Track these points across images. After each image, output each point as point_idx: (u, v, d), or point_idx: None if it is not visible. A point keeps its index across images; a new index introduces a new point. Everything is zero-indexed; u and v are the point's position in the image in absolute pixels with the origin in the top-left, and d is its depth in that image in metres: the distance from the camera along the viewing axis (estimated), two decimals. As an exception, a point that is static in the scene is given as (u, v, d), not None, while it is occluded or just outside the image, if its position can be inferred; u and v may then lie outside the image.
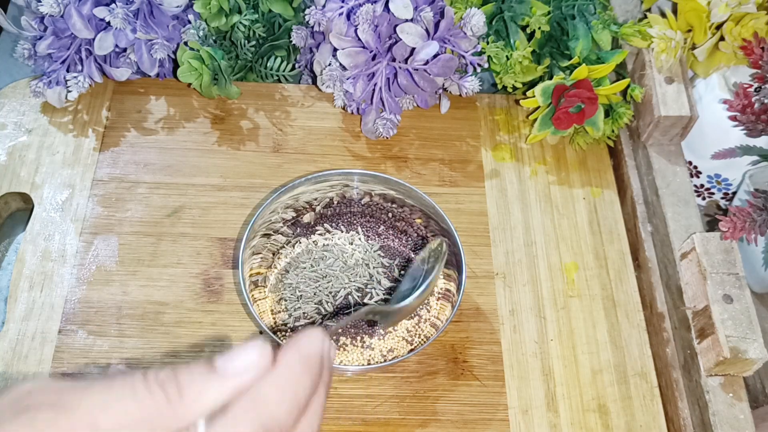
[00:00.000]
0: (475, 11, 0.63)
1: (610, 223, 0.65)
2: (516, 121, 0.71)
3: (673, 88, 0.64)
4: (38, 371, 0.54)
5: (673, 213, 0.61)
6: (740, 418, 0.53)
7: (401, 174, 0.66)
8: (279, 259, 0.59)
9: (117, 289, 0.58)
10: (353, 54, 0.64)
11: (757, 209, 0.54)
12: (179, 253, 0.60)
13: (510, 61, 0.66)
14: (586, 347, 0.58)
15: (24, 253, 0.59)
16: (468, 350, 0.58)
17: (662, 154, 0.65)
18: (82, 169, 0.64)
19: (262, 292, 0.57)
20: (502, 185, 0.66)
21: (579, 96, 0.63)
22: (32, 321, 0.56)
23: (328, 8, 0.65)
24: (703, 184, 0.70)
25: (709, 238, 0.57)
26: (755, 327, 0.53)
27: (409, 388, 0.56)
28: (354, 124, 0.69)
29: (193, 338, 0.56)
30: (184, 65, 0.64)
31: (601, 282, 0.62)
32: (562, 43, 0.67)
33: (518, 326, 0.59)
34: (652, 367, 0.58)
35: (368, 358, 0.55)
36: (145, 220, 0.62)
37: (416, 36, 0.63)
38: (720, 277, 0.55)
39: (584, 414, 0.56)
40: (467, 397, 0.55)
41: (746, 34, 0.61)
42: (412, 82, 0.66)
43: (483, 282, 0.61)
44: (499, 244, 0.63)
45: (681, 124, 0.64)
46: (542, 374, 0.57)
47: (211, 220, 0.62)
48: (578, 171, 0.68)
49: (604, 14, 0.67)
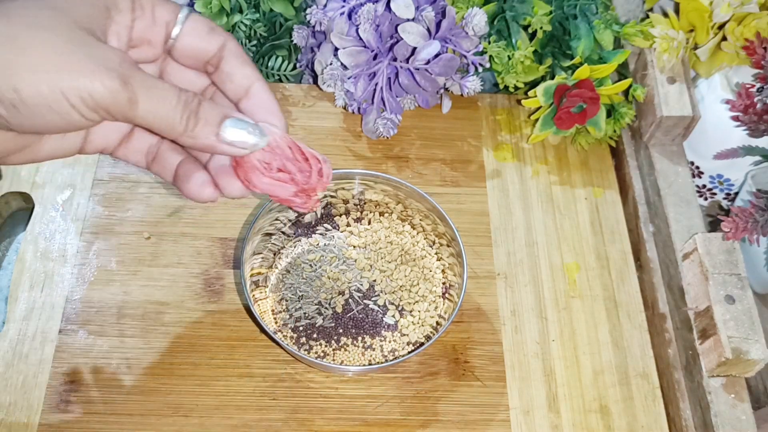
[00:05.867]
0: (477, 11, 0.63)
1: (611, 223, 0.65)
2: (518, 121, 0.71)
3: (675, 88, 0.64)
4: (39, 371, 0.54)
5: (675, 213, 0.61)
6: (742, 419, 0.53)
7: (402, 174, 0.66)
8: (280, 259, 0.59)
9: (117, 288, 0.58)
10: (354, 53, 0.64)
11: (759, 210, 0.54)
12: (180, 253, 0.60)
13: (512, 60, 0.65)
14: (587, 348, 0.58)
15: (24, 253, 0.59)
16: (469, 351, 0.57)
17: (664, 154, 0.65)
18: (83, 169, 0.64)
19: (262, 292, 0.57)
20: (503, 185, 0.66)
21: (581, 96, 0.63)
22: (33, 321, 0.56)
23: (330, 8, 0.65)
24: (705, 185, 0.70)
25: (711, 238, 0.57)
26: (757, 328, 0.53)
27: (411, 388, 0.56)
28: (355, 124, 0.69)
29: (193, 338, 0.56)
30: (185, 65, 0.64)
31: (602, 282, 0.62)
32: (563, 43, 0.67)
33: (520, 327, 0.59)
34: (653, 368, 0.58)
35: (369, 359, 0.55)
36: (146, 219, 0.62)
37: (418, 35, 0.63)
38: (722, 278, 0.55)
39: (586, 415, 0.55)
40: (468, 398, 0.55)
41: (748, 34, 0.61)
42: (413, 81, 0.66)
43: (484, 282, 0.61)
44: (501, 245, 0.63)
45: (683, 125, 0.64)
46: (544, 375, 0.57)
47: (212, 219, 0.62)
48: (580, 171, 0.68)
49: (606, 14, 0.67)
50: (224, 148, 0.37)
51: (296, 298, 0.57)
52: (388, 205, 0.61)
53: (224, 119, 0.37)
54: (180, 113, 0.35)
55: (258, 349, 0.56)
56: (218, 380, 0.55)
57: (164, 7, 0.36)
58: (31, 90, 0.31)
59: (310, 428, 0.53)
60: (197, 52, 0.38)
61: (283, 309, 0.57)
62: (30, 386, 0.53)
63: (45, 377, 0.54)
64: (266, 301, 0.57)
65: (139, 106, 0.33)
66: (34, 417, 0.52)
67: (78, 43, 0.32)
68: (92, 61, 0.32)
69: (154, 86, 0.34)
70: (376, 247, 0.60)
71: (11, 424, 0.52)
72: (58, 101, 0.31)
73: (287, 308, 0.57)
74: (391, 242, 0.61)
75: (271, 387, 0.55)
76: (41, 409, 0.52)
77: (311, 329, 0.56)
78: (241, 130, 0.37)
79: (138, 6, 0.36)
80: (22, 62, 0.31)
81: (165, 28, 0.37)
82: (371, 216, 0.62)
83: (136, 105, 0.33)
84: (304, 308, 0.57)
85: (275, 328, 0.56)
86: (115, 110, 0.33)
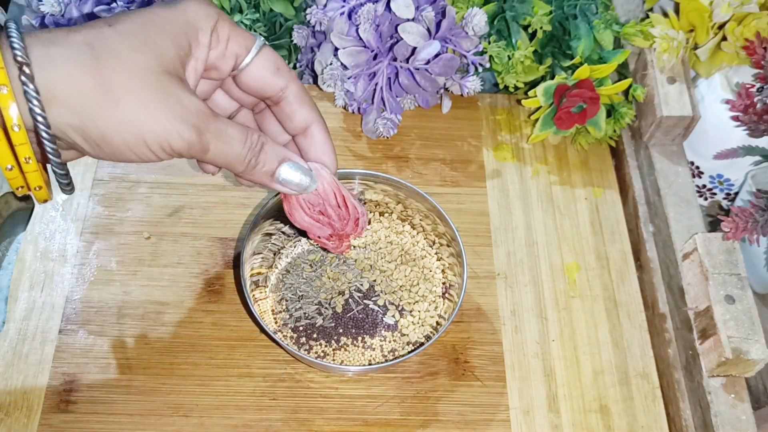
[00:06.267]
0: (477, 11, 0.63)
1: (611, 223, 0.65)
2: (517, 121, 0.71)
3: (675, 88, 0.64)
4: (39, 371, 0.54)
5: (675, 213, 0.61)
6: (742, 419, 0.53)
7: (402, 174, 0.66)
8: (280, 259, 0.59)
9: (117, 288, 0.58)
10: (354, 53, 0.64)
11: (759, 209, 0.54)
12: (180, 252, 0.60)
13: (512, 60, 0.65)
14: (587, 348, 0.58)
15: (24, 253, 0.59)
16: (469, 351, 0.57)
17: (664, 154, 0.65)
18: (83, 169, 0.64)
19: (262, 292, 0.57)
20: (503, 185, 0.66)
21: (581, 96, 0.63)
22: (33, 321, 0.56)
23: (330, 8, 0.65)
24: (705, 185, 0.70)
25: (711, 238, 0.57)
26: (757, 328, 0.53)
27: (411, 388, 0.56)
28: (355, 124, 0.69)
29: (193, 338, 0.56)
30: (185, 65, 0.64)
31: (602, 282, 0.62)
32: (563, 43, 0.67)
33: (520, 327, 0.59)
34: (653, 368, 0.58)
35: (369, 359, 0.55)
36: (145, 219, 0.62)
37: (417, 35, 0.63)
38: (722, 278, 0.55)
39: (586, 415, 0.55)
40: (468, 398, 0.55)
41: (748, 34, 0.61)
42: (413, 81, 0.66)
43: (484, 282, 0.61)
44: (501, 245, 0.63)
45: (683, 125, 0.64)
46: (544, 375, 0.57)
47: (212, 219, 0.62)
48: (580, 171, 0.68)
49: (606, 14, 0.67)
50: (277, 187, 0.43)
51: (296, 298, 0.57)
52: (388, 205, 0.61)
53: (282, 162, 0.42)
54: (244, 156, 0.39)
55: (258, 349, 0.56)
56: (218, 380, 0.55)
57: (238, 41, 0.39)
58: (118, 138, 0.35)
59: (310, 428, 0.53)
60: (259, 89, 0.41)
61: (283, 309, 0.57)
62: (30, 386, 0.53)
63: (45, 377, 0.54)
64: (266, 301, 0.57)
65: (209, 152, 0.38)
66: (34, 417, 0.52)
67: (164, 92, 0.36)
68: (174, 115, 0.36)
69: (224, 133, 0.38)
70: (376, 247, 0.60)
71: (11, 424, 0.52)
72: (140, 147, 0.36)
73: (287, 308, 0.57)
74: (391, 242, 0.61)
75: (271, 387, 0.55)
76: (41, 409, 0.52)
77: (311, 329, 0.56)
78: (295, 172, 0.42)
79: (215, 38, 0.39)
80: (113, 114, 0.35)
81: (234, 60, 0.40)
82: (371, 216, 0.62)
83: (207, 151, 0.38)
84: (304, 308, 0.57)
85: (275, 328, 0.56)
86: (187, 155, 0.37)
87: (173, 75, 0.36)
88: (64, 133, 0.35)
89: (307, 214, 0.47)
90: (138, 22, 0.36)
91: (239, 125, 0.39)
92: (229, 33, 0.39)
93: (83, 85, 0.34)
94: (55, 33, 0.35)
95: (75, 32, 0.35)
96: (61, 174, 0.37)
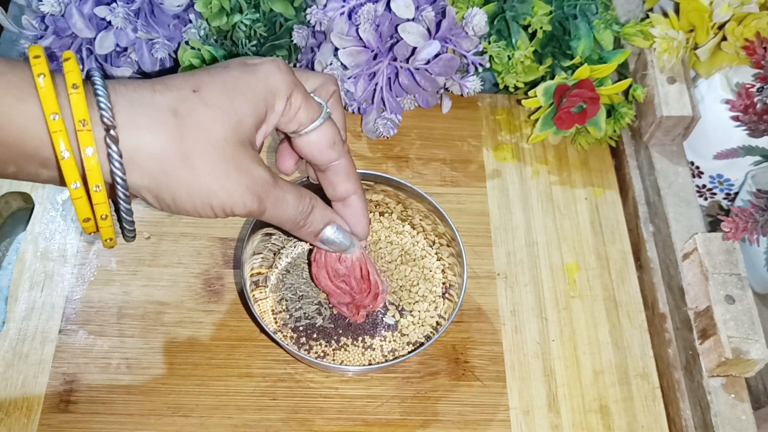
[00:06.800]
0: (477, 11, 0.63)
1: (611, 223, 0.65)
2: (517, 121, 0.71)
3: (675, 88, 0.64)
4: (39, 371, 0.54)
5: (675, 213, 0.61)
6: (742, 419, 0.53)
7: (402, 174, 0.66)
8: (280, 259, 0.59)
9: (117, 288, 0.58)
10: (354, 53, 0.64)
11: (759, 210, 0.54)
12: (180, 252, 0.60)
13: (512, 60, 0.65)
14: (587, 348, 0.58)
15: (24, 253, 0.59)
16: (469, 351, 0.57)
17: (664, 154, 0.65)
18: (83, 169, 0.64)
19: (263, 292, 0.57)
20: (503, 185, 0.66)
21: (581, 96, 0.63)
22: (33, 321, 0.56)
23: (330, 8, 0.65)
24: (705, 185, 0.70)
25: (711, 238, 0.57)
26: (757, 328, 0.53)
27: (411, 388, 0.56)
28: (355, 124, 0.69)
29: (193, 338, 0.56)
30: (186, 64, 0.64)
31: (602, 282, 0.62)
32: (563, 43, 0.67)
33: (520, 327, 0.59)
34: (653, 368, 0.58)
35: (369, 359, 0.55)
36: (145, 219, 0.62)
37: (418, 35, 0.63)
38: (722, 278, 0.55)
39: (586, 415, 0.55)
40: (468, 398, 0.55)
41: (748, 34, 0.61)
42: (413, 81, 0.66)
43: (484, 282, 0.61)
44: (501, 245, 0.63)
45: (683, 125, 0.64)
46: (544, 375, 0.57)
47: (212, 220, 0.62)
48: (580, 171, 0.68)
49: (606, 14, 0.67)
50: (318, 245, 0.48)
51: (296, 298, 0.57)
52: (388, 205, 0.61)
53: (327, 225, 0.46)
54: (295, 219, 0.43)
55: (258, 349, 0.56)
56: (218, 380, 0.55)
57: (306, 113, 0.41)
58: (188, 202, 0.38)
59: (310, 428, 0.53)
60: (311, 157, 0.44)
61: (283, 309, 0.57)
62: (30, 386, 0.53)
63: (45, 377, 0.54)
64: (266, 301, 0.57)
65: (265, 215, 0.41)
66: (34, 417, 0.52)
67: (236, 165, 0.38)
68: (242, 187, 0.39)
69: (281, 200, 0.42)
70: (376, 247, 0.60)
71: (11, 424, 0.52)
72: (205, 209, 0.39)
73: (287, 308, 0.57)
74: (391, 242, 0.61)
75: (271, 387, 0.55)
76: (41, 409, 0.52)
77: (311, 329, 0.56)
78: (338, 235, 0.47)
79: (288, 107, 0.41)
80: (186, 180, 0.37)
81: (297, 126, 0.42)
82: (371, 216, 0.62)
83: (264, 214, 0.41)
84: (304, 308, 0.57)
85: (275, 328, 0.56)
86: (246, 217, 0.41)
87: (246, 144, 0.39)
88: (137, 192, 0.37)
89: (331, 280, 0.51)
90: (221, 90, 0.38)
91: (295, 190, 0.43)
92: (301, 103, 0.41)
93: (165, 153, 0.36)
94: (140, 91, 0.36)
95: (160, 94, 0.37)
96: (129, 229, 0.40)
